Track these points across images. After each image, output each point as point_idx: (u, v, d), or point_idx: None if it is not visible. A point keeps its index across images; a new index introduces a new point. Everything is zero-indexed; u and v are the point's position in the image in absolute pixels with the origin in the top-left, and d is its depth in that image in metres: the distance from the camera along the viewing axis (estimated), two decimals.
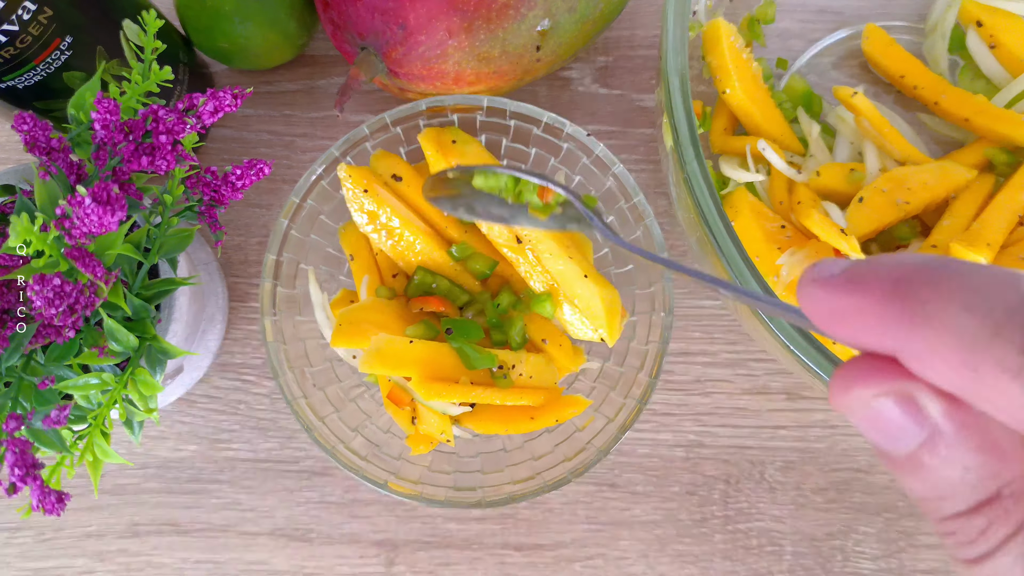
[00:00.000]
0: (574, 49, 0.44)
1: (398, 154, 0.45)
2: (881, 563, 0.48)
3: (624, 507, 0.48)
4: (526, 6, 0.40)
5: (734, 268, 0.32)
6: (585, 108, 0.51)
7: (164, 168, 0.33)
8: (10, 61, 0.35)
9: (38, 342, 0.31)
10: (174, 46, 0.45)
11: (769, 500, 0.48)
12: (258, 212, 0.51)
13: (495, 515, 0.48)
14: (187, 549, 0.48)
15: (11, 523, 0.49)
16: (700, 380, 0.49)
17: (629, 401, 0.41)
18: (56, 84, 0.38)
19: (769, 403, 0.49)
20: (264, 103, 0.51)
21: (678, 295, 0.50)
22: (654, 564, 0.48)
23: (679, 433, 0.49)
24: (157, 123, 0.32)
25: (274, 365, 0.41)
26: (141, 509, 0.48)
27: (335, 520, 0.48)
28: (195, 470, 0.49)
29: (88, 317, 0.34)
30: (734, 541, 0.48)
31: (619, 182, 0.42)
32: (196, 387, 0.49)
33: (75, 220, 0.28)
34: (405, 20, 0.40)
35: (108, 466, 0.49)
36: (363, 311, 0.41)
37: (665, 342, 0.41)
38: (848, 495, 0.48)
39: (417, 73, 0.42)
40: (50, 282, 0.28)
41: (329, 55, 0.51)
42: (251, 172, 0.35)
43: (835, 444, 0.49)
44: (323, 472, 0.49)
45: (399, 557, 0.48)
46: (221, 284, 0.48)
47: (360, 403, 0.45)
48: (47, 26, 0.35)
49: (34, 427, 0.32)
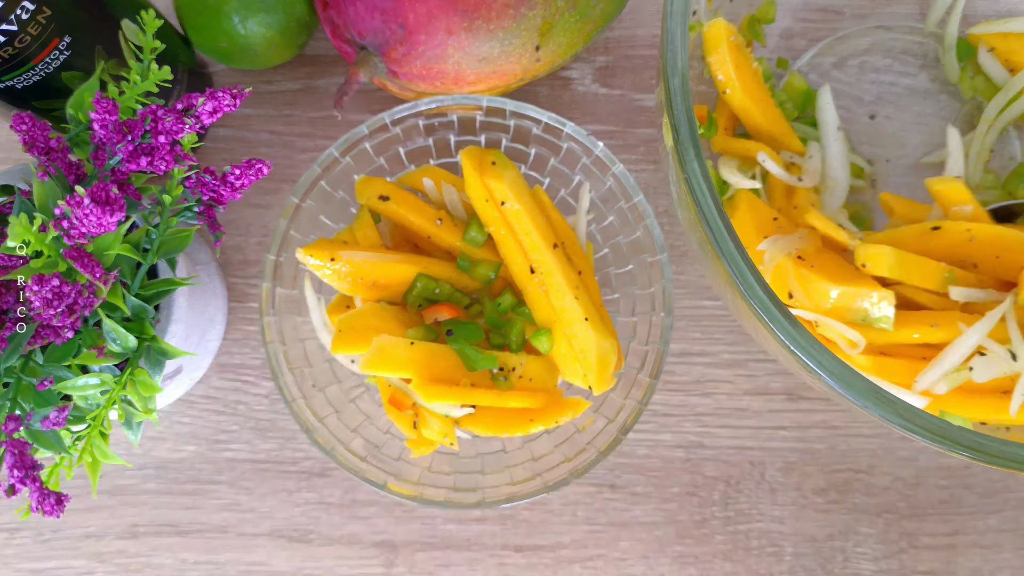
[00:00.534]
0: (574, 49, 0.44)
1: (398, 154, 0.45)
2: (882, 564, 0.48)
3: (624, 508, 0.48)
4: (526, 6, 0.40)
5: (734, 268, 0.32)
6: (585, 108, 0.51)
7: (163, 168, 0.33)
8: (9, 61, 0.35)
9: (37, 343, 0.31)
10: (173, 46, 0.45)
11: (769, 501, 0.48)
12: (257, 212, 0.50)
13: (495, 516, 0.48)
14: (186, 550, 0.48)
15: (10, 524, 0.48)
16: (700, 381, 0.49)
17: (629, 402, 0.41)
18: (55, 84, 0.38)
19: (770, 404, 0.49)
20: (263, 103, 0.51)
21: (678, 295, 0.50)
22: (654, 565, 0.48)
23: (679, 434, 0.49)
24: (156, 123, 0.32)
25: (273, 366, 0.40)
26: (140, 510, 0.48)
27: (334, 521, 0.48)
28: (194, 471, 0.49)
29: (87, 318, 0.34)
30: (734, 542, 0.48)
31: (619, 182, 0.42)
32: (195, 388, 0.49)
33: (74, 220, 0.28)
34: (405, 20, 0.40)
35: (107, 467, 0.48)
36: (363, 317, 0.41)
37: (665, 342, 0.41)
38: (849, 496, 0.48)
39: (417, 73, 0.42)
40: (49, 282, 0.28)
41: (329, 55, 0.51)
42: (250, 172, 0.35)
43: (836, 445, 0.49)
44: (322, 473, 0.49)
45: (399, 558, 0.48)
46: (220, 284, 0.47)
47: (359, 404, 0.45)
48: (46, 26, 0.35)
49: (33, 428, 0.32)
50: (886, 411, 0.31)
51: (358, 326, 0.41)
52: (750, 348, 0.49)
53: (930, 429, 0.31)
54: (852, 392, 0.31)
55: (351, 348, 0.40)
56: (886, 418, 0.31)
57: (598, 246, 0.46)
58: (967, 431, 0.31)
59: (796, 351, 0.32)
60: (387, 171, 0.45)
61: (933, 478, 0.48)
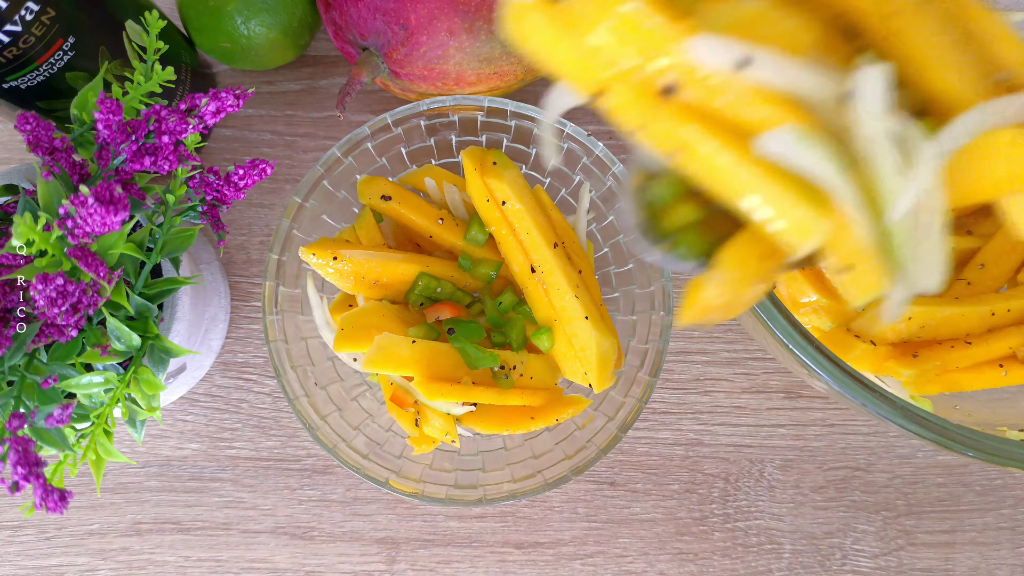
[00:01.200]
0: None
1: (399, 154, 0.45)
2: (880, 561, 0.48)
3: (624, 505, 0.49)
4: None
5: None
6: (585, 108, 0.51)
7: (167, 168, 0.33)
8: (13, 61, 0.35)
9: (41, 341, 0.31)
10: (176, 47, 0.45)
11: (768, 498, 0.49)
12: (260, 212, 0.51)
13: (496, 513, 0.49)
14: (189, 547, 0.48)
15: (13, 521, 0.49)
16: (699, 379, 0.49)
17: (629, 400, 0.41)
18: (59, 84, 0.38)
19: (768, 401, 0.49)
20: (266, 103, 0.51)
21: (677, 294, 0.50)
22: (654, 562, 0.48)
23: (678, 431, 0.49)
24: (160, 123, 0.32)
25: (276, 364, 0.41)
26: (143, 507, 0.49)
27: (336, 518, 0.49)
28: (197, 468, 0.49)
29: (91, 316, 0.34)
30: (733, 539, 0.48)
31: (619, 182, 0.42)
32: (198, 386, 0.50)
33: (78, 220, 0.29)
34: (406, 21, 0.40)
35: (110, 464, 0.49)
36: (365, 315, 0.41)
37: (665, 341, 0.41)
38: (847, 493, 0.49)
39: (418, 74, 0.42)
40: (53, 281, 0.28)
41: (331, 55, 0.52)
42: (253, 172, 0.35)
43: (834, 442, 0.49)
44: (324, 470, 0.49)
45: (400, 555, 0.48)
46: (223, 283, 0.48)
47: (362, 402, 0.45)
48: (50, 27, 0.35)
49: (37, 426, 0.32)
50: (885, 410, 0.31)
51: (360, 324, 0.41)
52: (749, 346, 0.49)
53: (929, 427, 0.31)
54: (851, 391, 0.31)
55: (353, 346, 0.41)
56: (886, 417, 0.31)
57: (598, 245, 0.46)
58: (966, 429, 0.31)
59: (795, 350, 0.32)
60: (389, 171, 0.46)
61: (931, 475, 0.49)
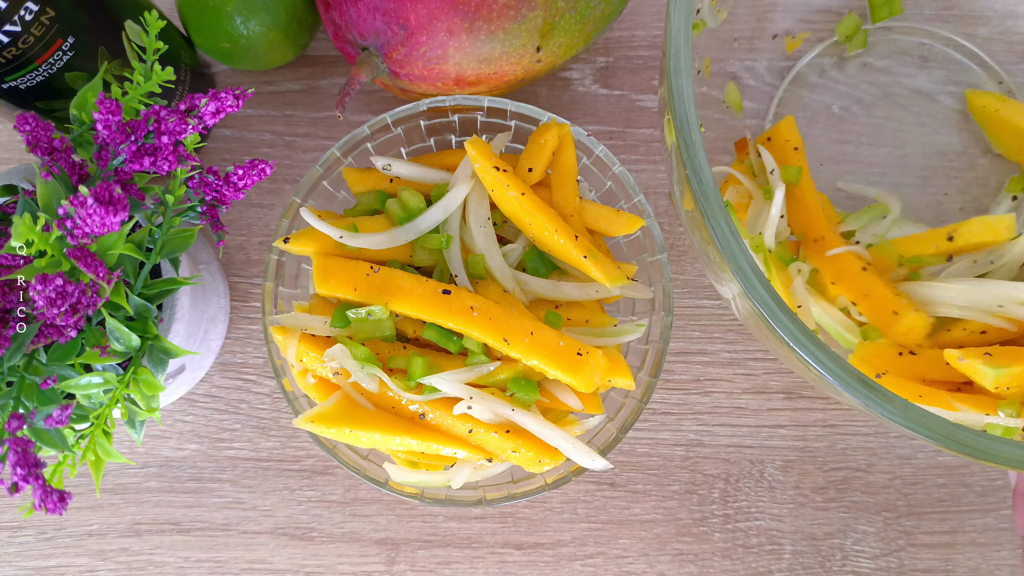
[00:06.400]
0: (574, 49, 0.44)
1: (399, 154, 0.45)
2: (880, 562, 0.48)
3: (624, 506, 0.49)
4: (526, 6, 0.40)
5: (736, 268, 0.32)
6: (585, 108, 0.51)
7: (166, 168, 0.33)
8: (12, 62, 0.35)
9: (40, 342, 0.31)
10: (176, 47, 0.45)
11: (768, 499, 0.48)
12: (260, 212, 0.51)
13: (496, 514, 0.49)
14: (188, 548, 0.48)
15: (12, 522, 0.49)
16: (699, 379, 0.49)
17: (629, 400, 0.41)
18: (58, 84, 0.38)
19: (768, 402, 0.49)
20: (266, 103, 0.51)
21: (678, 295, 0.50)
22: (654, 563, 0.48)
23: (678, 432, 0.49)
24: (159, 123, 0.32)
25: (275, 365, 0.41)
26: (142, 508, 0.49)
27: (336, 519, 0.49)
28: (196, 469, 0.49)
29: (90, 317, 0.34)
30: (733, 540, 0.48)
31: (619, 182, 0.42)
32: (198, 386, 0.49)
33: (77, 220, 0.28)
34: (406, 21, 0.40)
35: (109, 465, 0.49)
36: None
37: (665, 341, 0.41)
38: (847, 494, 0.48)
39: (418, 74, 0.42)
40: (52, 282, 0.28)
41: (330, 55, 0.52)
42: (253, 172, 0.35)
43: (834, 443, 0.49)
44: (324, 471, 0.49)
45: (400, 556, 0.48)
46: (223, 284, 0.48)
47: None
48: (49, 27, 0.35)
49: (36, 426, 0.32)
50: (885, 409, 0.31)
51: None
52: (749, 347, 0.49)
53: (930, 427, 0.31)
54: (850, 390, 0.31)
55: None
56: (886, 416, 0.31)
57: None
58: (966, 430, 0.31)
59: (797, 349, 0.32)
60: None
61: (931, 476, 0.49)
